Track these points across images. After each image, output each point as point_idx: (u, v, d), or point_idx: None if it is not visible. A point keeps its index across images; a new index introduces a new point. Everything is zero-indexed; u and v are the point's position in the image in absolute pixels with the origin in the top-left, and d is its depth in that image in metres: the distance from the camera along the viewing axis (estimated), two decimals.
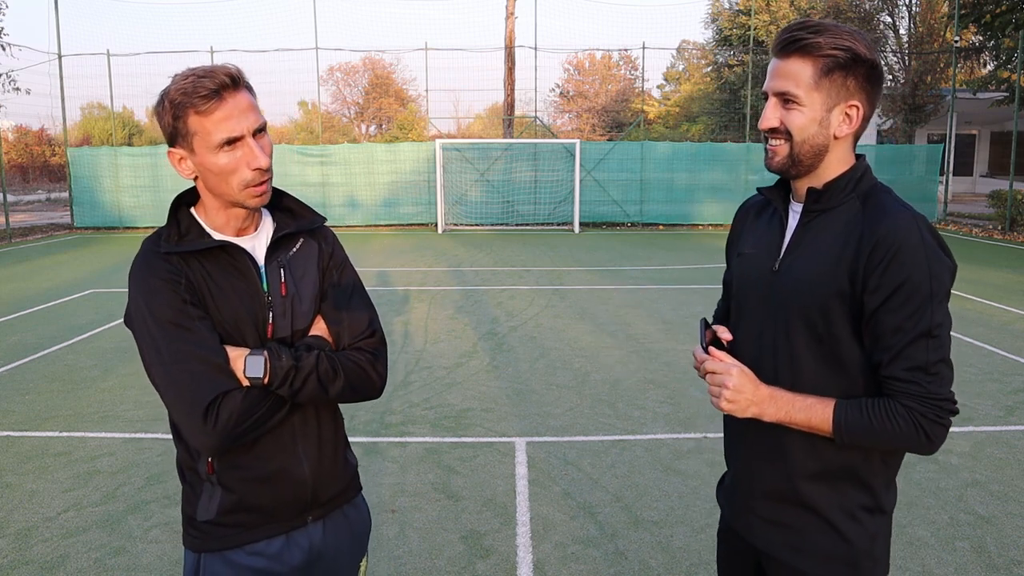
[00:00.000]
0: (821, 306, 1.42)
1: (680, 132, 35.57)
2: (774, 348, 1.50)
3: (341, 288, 1.63)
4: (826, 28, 1.39)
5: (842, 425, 1.39)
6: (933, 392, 1.36)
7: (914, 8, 25.21)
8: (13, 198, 26.52)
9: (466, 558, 3.31)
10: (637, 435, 4.72)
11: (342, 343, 1.58)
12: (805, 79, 1.40)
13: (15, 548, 3.42)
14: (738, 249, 1.66)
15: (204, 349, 1.41)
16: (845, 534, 1.47)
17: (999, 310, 8.36)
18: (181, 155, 1.47)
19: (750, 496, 1.59)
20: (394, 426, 4.89)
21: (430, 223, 18.08)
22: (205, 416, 1.38)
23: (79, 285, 10.40)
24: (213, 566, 1.54)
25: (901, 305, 1.35)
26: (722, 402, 1.45)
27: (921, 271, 1.35)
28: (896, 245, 1.35)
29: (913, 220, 1.37)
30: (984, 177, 28.36)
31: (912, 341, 1.35)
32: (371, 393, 1.60)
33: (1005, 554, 3.31)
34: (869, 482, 1.47)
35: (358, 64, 42.96)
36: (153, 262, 1.46)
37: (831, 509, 1.48)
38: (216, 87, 1.39)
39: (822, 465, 1.47)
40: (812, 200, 1.47)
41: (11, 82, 17.96)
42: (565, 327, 7.61)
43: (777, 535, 1.54)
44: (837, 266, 1.40)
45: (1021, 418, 4.99)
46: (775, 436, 1.50)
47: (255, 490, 1.53)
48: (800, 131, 1.42)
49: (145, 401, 5.41)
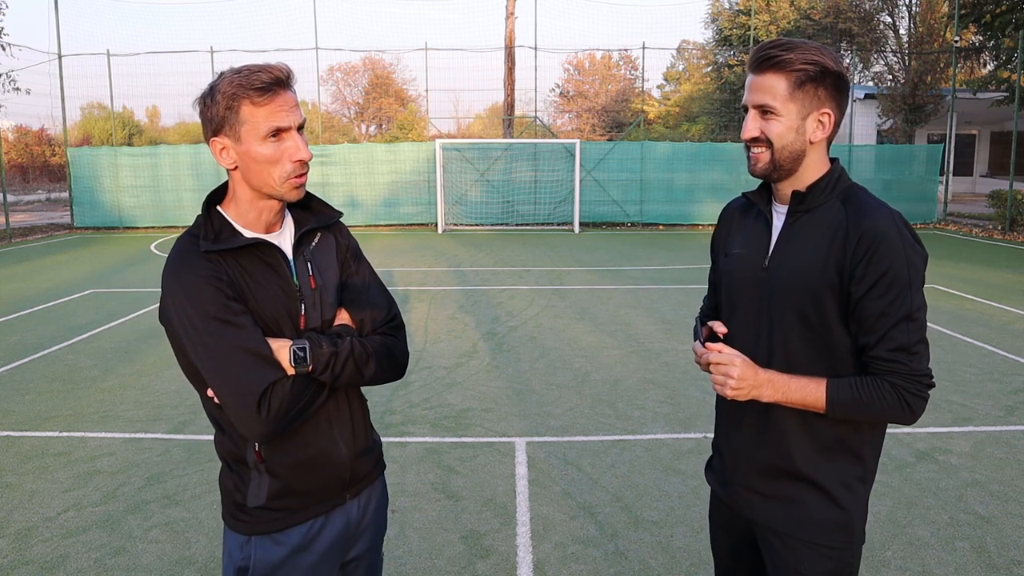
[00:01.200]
0: (813, 297, 1.56)
1: (680, 132, 35.55)
2: (769, 337, 1.63)
3: (360, 278, 1.74)
4: (796, 45, 1.54)
5: (834, 401, 1.54)
6: (914, 369, 1.51)
7: (914, 8, 25.21)
8: (13, 198, 26.53)
9: (466, 558, 3.31)
10: (637, 435, 4.72)
11: (365, 330, 1.69)
12: (781, 92, 1.55)
13: (15, 548, 3.42)
14: (726, 249, 1.79)
15: (251, 342, 1.49)
16: (843, 503, 1.62)
17: (999, 310, 8.36)
18: (224, 144, 1.53)
19: (748, 474, 1.71)
20: (394, 426, 4.89)
21: (430, 223, 18.09)
22: (259, 406, 1.47)
23: (79, 285, 10.40)
24: (263, 547, 1.63)
25: (884, 292, 1.50)
26: (727, 390, 1.57)
27: (900, 261, 1.50)
28: (878, 238, 1.50)
29: (891, 215, 1.53)
30: (984, 177, 28.36)
31: (895, 324, 1.50)
32: (398, 373, 1.71)
33: (1005, 554, 3.31)
34: (860, 453, 1.63)
35: (358, 64, 43.01)
36: (194, 261, 1.52)
37: (828, 480, 1.62)
38: (271, 81, 1.49)
39: (817, 440, 1.61)
40: (797, 201, 1.62)
41: (11, 82, 17.96)
42: (565, 327, 7.61)
43: (777, 508, 1.66)
44: (826, 259, 1.54)
45: (1021, 418, 5.00)
46: (771, 416, 1.64)
47: (300, 475, 1.63)
48: (779, 138, 1.57)
49: (145, 401, 5.41)
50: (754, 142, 1.60)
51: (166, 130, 42.75)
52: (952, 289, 9.59)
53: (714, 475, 1.86)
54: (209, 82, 1.54)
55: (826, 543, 1.62)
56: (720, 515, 1.86)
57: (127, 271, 11.67)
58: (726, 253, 1.78)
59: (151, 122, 43.13)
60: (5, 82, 17.85)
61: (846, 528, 1.62)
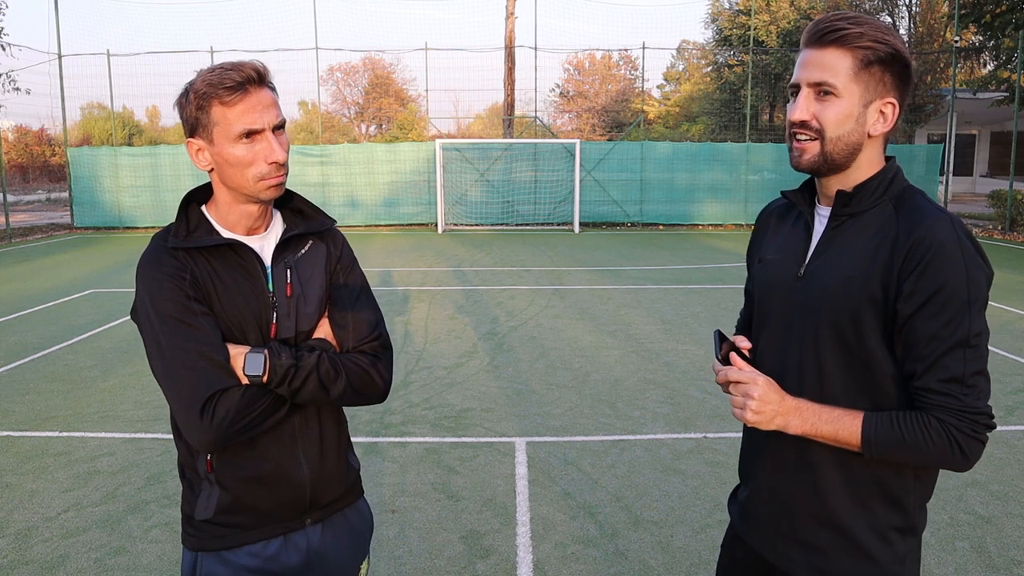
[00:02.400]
0: (851, 313, 1.35)
1: (680, 132, 35.57)
2: (800, 358, 1.42)
3: (348, 290, 1.63)
4: (865, 20, 1.34)
5: (871, 439, 1.31)
6: (969, 405, 1.28)
7: (914, 8, 25.21)
8: (13, 198, 26.53)
9: (466, 558, 3.31)
10: (637, 435, 4.72)
11: (346, 346, 1.59)
12: (844, 69, 1.33)
13: (15, 548, 3.42)
14: (760, 255, 1.59)
15: (205, 345, 1.42)
16: (873, 555, 1.40)
17: (999, 310, 8.36)
18: (199, 146, 1.49)
19: (771, 513, 1.51)
20: (394, 426, 4.89)
21: (430, 223, 18.09)
22: (202, 412, 1.39)
23: (79, 285, 10.40)
24: (210, 566, 1.54)
25: (938, 312, 1.27)
26: (747, 413, 1.37)
27: (959, 276, 1.27)
28: (933, 249, 1.28)
29: (951, 223, 1.31)
30: (984, 177, 28.36)
31: (948, 351, 1.28)
32: (375, 396, 1.59)
33: (1005, 554, 3.31)
34: (901, 500, 1.40)
35: (358, 64, 43.03)
36: (160, 257, 1.47)
37: (860, 528, 1.40)
38: (242, 80, 1.43)
39: (851, 481, 1.40)
40: (841, 203, 1.40)
41: (11, 82, 17.98)
42: (565, 327, 7.61)
43: (799, 554, 1.46)
44: (869, 270, 1.33)
45: (1021, 418, 5.00)
46: (801, 450, 1.42)
47: (252, 491, 1.53)
48: (835, 126, 1.35)
49: (145, 401, 5.41)
50: (802, 127, 1.37)
51: (166, 130, 42.76)
52: None
53: (737, 507, 1.65)
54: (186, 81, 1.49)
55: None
56: (733, 551, 1.65)
57: (127, 271, 11.66)
58: (760, 259, 1.58)
59: (151, 122, 43.15)
60: (5, 82, 17.88)
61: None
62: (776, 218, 1.60)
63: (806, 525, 1.45)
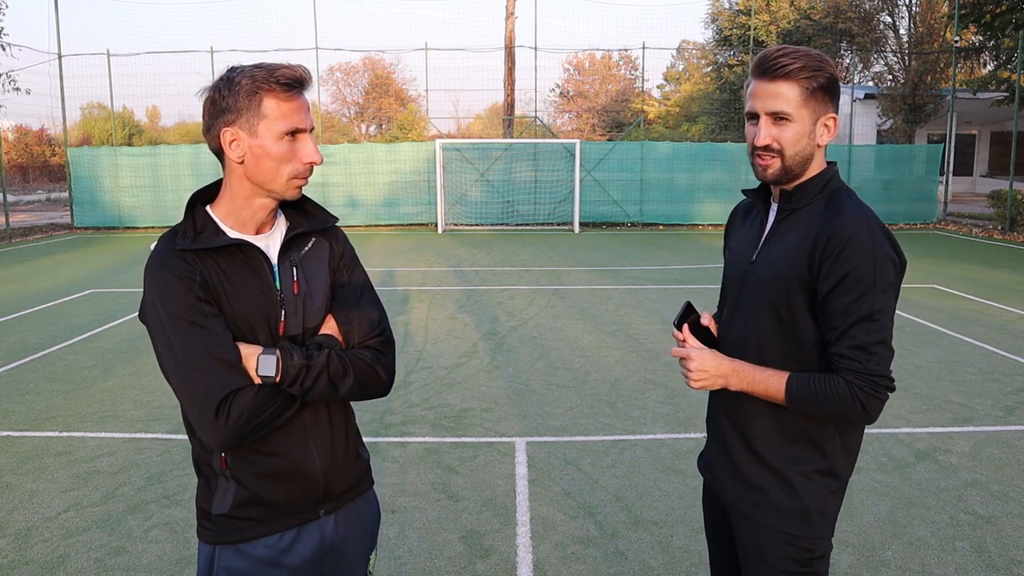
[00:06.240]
0: (784, 291, 1.63)
1: (680, 132, 35.55)
2: (747, 328, 1.71)
3: (351, 287, 1.66)
4: (803, 52, 1.60)
5: (792, 394, 1.60)
6: (871, 369, 1.55)
7: (914, 8, 25.22)
8: (13, 198, 26.52)
9: (466, 558, 3.31)
10: (637, 435, 4.72)
11: (352, 341, 1.62)
12: (794, 98, 1.60)
13: (15, 548, 3.42)
14: (730, 245, 1.90)
15: (217, 347, 1.44)
16: (800, 492, 1.67)
17: (999, 310, 8.36)
18: (236, 136, 1.49)
19: (722, 460, 1.81)
20: (394, 426, 4.89)
21: (430, 223, 18.08)
22: (217, 413, 1.41)
23: (79, 285, 10.40)
24: (227, 558, 1.57)
25: (848, 291, 1.55)
26: (690, 381, 1.69)
27: (866, 262, 1.54)
28: (846, 239, 1.55)
29: (865, 219, 1.58)
30: (984, 177, 28.35)
31: (855, 323, 1.55)
32: (379, 391, 1.64)
33: (1005, 554, 3.31)
34: (823, 447, 1.67)
35: (358, 64, 43.03)
36: (168, 259, 1.48)
37: (790, 470, 1.68)
38: (297, 79, 1.48)
39: (783, 430, 1.68)
40: (785, 200, 1.70)
41: (11, 82, 17.96)
42: (565, 327, 7.61)
43: (743, 492, 1.75)
44: (798, 256, 1.61)
45: (1021, 418, 5.00)
46: (744, 405, 1.72)
47: (268, 485, 1.56)
48: (792, 144, 1.62)
49: (145, 401, 5.41)
50: (766, 149, 1.64)
51: (166, 130, 42.78)
52: (952, 289, 9.59)
53: (703, 461, 1.95)
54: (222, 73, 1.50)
55: (782, 529, 1.68)
56: (706, 503, 1.96)
57: (127, 271, 11.66)
58: (729, 248, 1.88)
59: (151, 122, 43.13)
60: (5, 82, 17.86)
61: (802, 517, 1.67)
62: (742, 214, 1.90)
63: (748, 467, 1.74)
